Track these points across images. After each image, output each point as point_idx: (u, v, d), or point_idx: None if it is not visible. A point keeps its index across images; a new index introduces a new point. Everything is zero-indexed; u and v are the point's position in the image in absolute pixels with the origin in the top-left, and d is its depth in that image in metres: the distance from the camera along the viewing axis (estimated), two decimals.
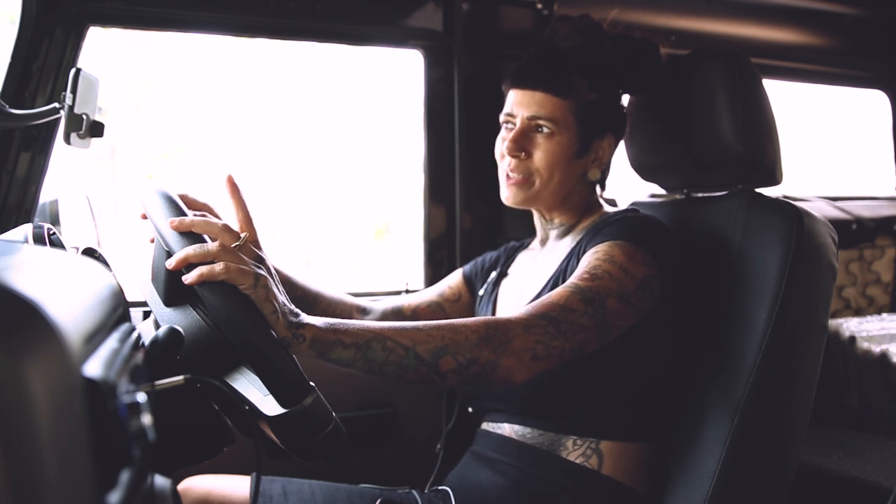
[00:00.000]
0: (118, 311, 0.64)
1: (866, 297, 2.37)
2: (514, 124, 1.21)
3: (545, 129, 1.18)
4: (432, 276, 1.78)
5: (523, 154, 1.20)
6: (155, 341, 0.77)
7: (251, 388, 0.86)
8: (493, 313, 1.33)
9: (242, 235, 0.86)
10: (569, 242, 1.24)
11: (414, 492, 1.22)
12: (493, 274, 1.38)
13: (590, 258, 1.08)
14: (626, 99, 1.31)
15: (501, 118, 1.25)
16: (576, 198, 1.25)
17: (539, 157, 1.19)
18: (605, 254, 1.07)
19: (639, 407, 1.17)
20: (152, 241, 0.96)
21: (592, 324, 0.99)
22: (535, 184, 1.20)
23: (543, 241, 1.32)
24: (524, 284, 1.29)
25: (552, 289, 1.15)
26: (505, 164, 1.23)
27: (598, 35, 1.23)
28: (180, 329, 0.78)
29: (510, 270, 1.37)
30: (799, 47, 2.20)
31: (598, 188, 1.29)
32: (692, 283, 1.19)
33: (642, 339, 1.10)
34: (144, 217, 0.92)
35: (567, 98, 1.18)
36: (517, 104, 1.21)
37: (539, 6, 1.76)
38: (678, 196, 1.42)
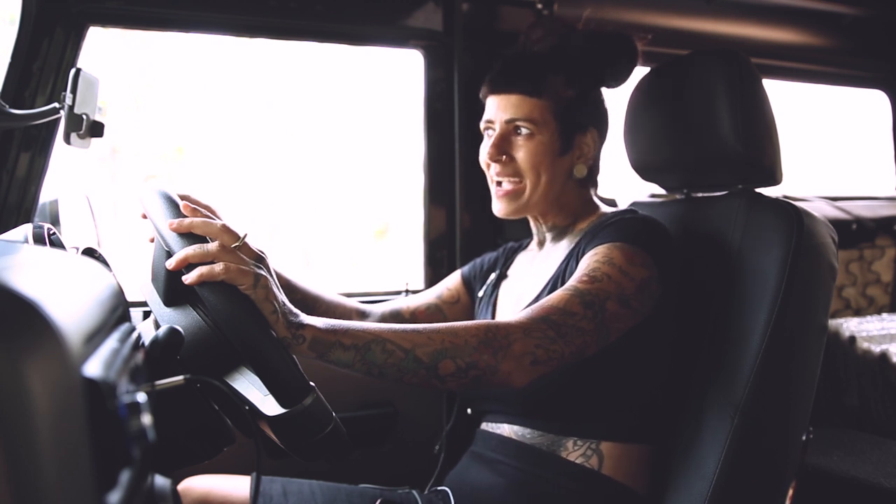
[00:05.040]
0: (118, 311, 0.64)
1: (866, 297, 2.37)
2: (494, 130, 1.21)
3: (524, 131, 1.19)
4: (432, 277, 1.78)
5: (505, 157, 1.20)
6: (155, 341, 0.77)
7: (251, 388, 0.86)
8: (493, 315, 1.33)
9: (242, 235, 0.86)
10: (567, 244, 1.24)
11: (414, 492, 1.22)
12: (493, 276, 1.38)
13: (589, 260, 1.07)
14: (610, 96, 1.31)
15: (482, 126, 1.24)
16: (567, 198, 1.25)
17: (522, 158, 1.19)
18: (604, 256, 1.07)
19: (639, 409, 1.16)
20: (152, 240, 0.96)
21: (592, 327, 0.99)
22: (524, 190, 1.20)
23: (541, 243, 1.31)
24: (523, 286, 1.28)
25: (551, 291, 1.15)
26: (492, 171, 1.23)
27: (569, 33, 1.23)
28: (180, 329, 0.78)
29: (509, 272, 1.36)
30: (799, 47, 2.20)
31: (592, 188, 1.29)
32: (692, 283, 1.19)
33: (642, 341, 1.10)
34: (144, 217, 0.92)
35: (543, 97, 1.18)
36: (495, 109, 1.21)
37: (539, 6, 1.76)
38: (678, 196, 1.42)
